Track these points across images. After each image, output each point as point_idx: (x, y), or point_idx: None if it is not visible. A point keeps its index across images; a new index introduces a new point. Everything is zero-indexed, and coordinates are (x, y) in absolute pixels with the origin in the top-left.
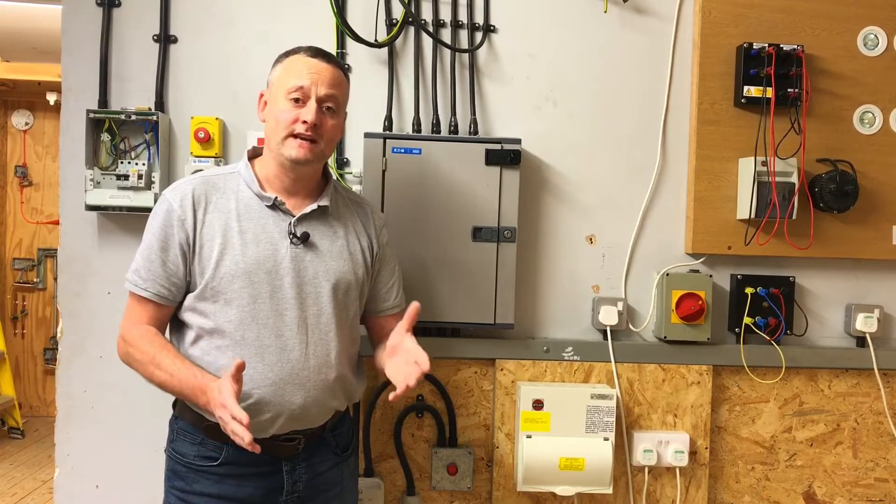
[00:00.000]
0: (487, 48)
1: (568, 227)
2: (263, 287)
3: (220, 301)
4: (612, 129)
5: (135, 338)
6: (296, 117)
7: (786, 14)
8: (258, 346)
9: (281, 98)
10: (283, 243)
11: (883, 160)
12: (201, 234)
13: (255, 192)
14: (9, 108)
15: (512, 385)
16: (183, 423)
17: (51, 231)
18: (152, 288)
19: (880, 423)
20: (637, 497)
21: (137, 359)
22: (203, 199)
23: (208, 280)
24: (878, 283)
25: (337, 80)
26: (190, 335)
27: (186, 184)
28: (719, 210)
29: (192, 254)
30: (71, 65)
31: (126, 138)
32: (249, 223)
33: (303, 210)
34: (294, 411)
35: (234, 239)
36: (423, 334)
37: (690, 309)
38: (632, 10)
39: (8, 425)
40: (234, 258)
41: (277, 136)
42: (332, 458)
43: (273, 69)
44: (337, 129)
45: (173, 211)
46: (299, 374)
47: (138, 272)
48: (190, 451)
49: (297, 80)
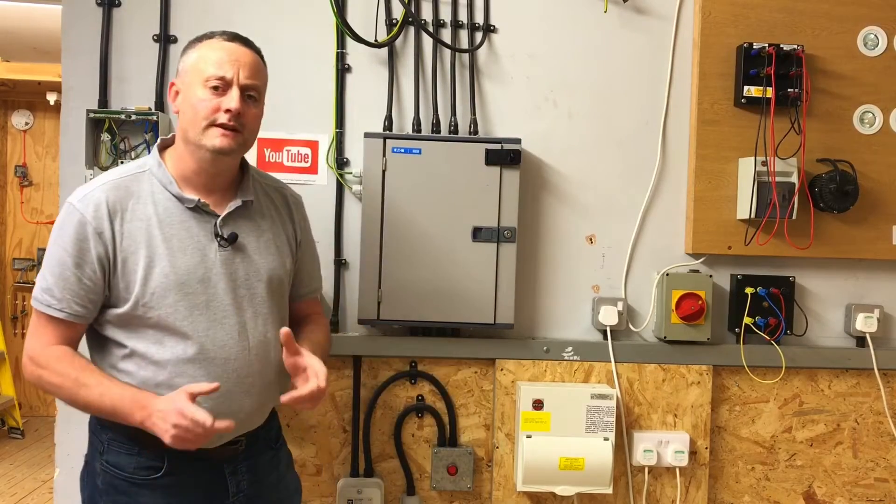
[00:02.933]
0: (487, 48)
1: (568, 227)
2: (199, 297)
3: (153, 317)
4: (612, 129)
5: (49, 360)
6: (216, 106)
7: (786, 14)
8: (202, 359)
9: (198, 86)
10: (211, 247)
11: (883, 160)
12: (122, 246)
13: (174, 194)
14: (9, 108)
15: (512, 385)
16: (113, 433)
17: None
18: (68, 308)
19: (880, 423)
20: (637, 497)
21: (54, 382)
22: (118, 206)
23: (138, 297)
24: (878, 283)
25: (257, 67)
26: (120, 351)
27: (97, 191)
28: (719, 210)
29: (113, 268)
30: (71, 65)
31: (126, 138)
32: (172, 229)
33: (226, 209)
34: (241, 418)
35: (159, 249)
36: (423, 334)
37: (690, 309)
38: (632, 10)
39: (8, 425)
40: (162, 271)
41: (197, 126)
42: (269, 451)
43: (185, 55)
44: (259, 118)
45: (87, 223)
46: (245, 381)
47: (50, 291)
48: (128, 463)
49: (216, 69)
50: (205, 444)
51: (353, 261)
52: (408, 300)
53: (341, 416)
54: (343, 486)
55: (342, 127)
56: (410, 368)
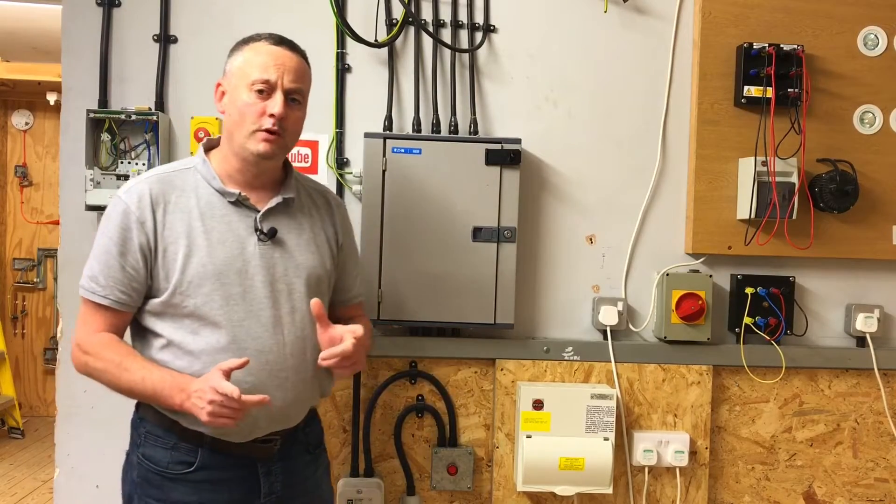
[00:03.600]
0: (487, 48)
1: (568, 227)
2: (234, 288)
3: (188, 305)
4: (613, 128)
5: (95, 346)
6: (261, 110)
7: (786, 14)
8: (235, 349)
9: (243, 90)
10: (251, 241)
11: (883, 160)
12: (163, 236)
13: (217, 189)
14: (9, 108)
15: (512, 385)
16: (151, 425)
17: (51, 231)
18: (112, 294)
19: (880, 423)
20: (637, 497)
21: (99, 367)
22: (161, 198)
23: (176, 285)
24: (878, 283)
25: (302, 70)
26: (158, 341)
27: (141, 183)
28: (719, 210)
29: (154, 257)
30: (71, 65)
31: (126, 138)
32: (213, 222)
33: (267, 204)
34: (274, 413)
35: (199, 240)
36: (423, 334)
37: (690, 309)
38: (632, 10)
39: (8, 425)
40: (200, 260)
41: (243, 130)
42: (306, 456)
43: (232, 57)
44: (301, 121)
45: (130, 213)
46: (278, 375)
47: (95, 279)
48: (163, 457)
49: (261, 73)
50: (240, 420)
51: None
52: (408, 300)
53: (341, 416)
54: (343, 486)
55: (342, 127)
56: (410, 368)
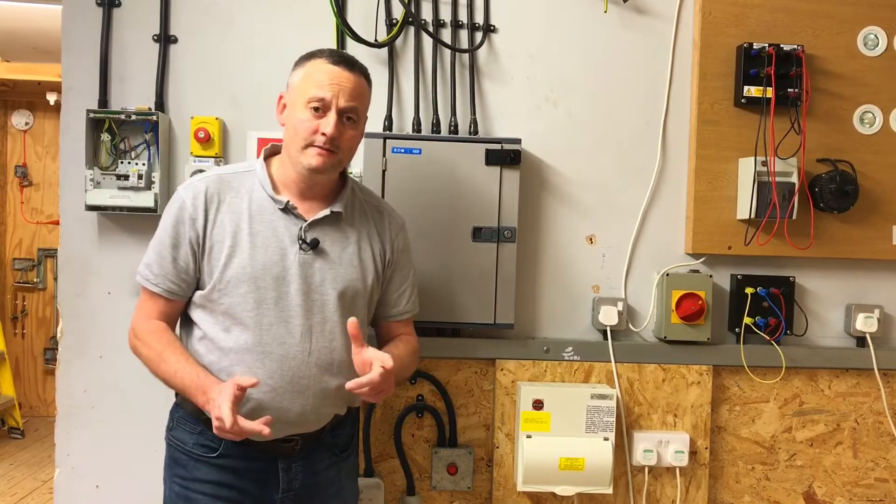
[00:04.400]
0: (487, 48)
1: (568, 227)
2: (269, 293)
3: (224, 303)
4: (613, 128)
5: (144, 333)
6: (315, 128)
7: (786, 14)
8: (260, 351)
9: (300, 107)
10: (293, 249)
11: (883, 160)
12: (212, 234)
13: (268, 194)
14: (9, 108)
15: (512, 385)
16: (183, 411)
17: (51, 231)
18: (163, 284)
19: (880, 423)
20: (637, 497)
21: (144, 354)
22: (216, 197)
23: (216, 282)
24: (878, 283)
25: (359, 90)
26: (197, 332)
27: (201, 181)
28: (719, 210)
29: (202, 253)
30: (71, 65)
31: (126, 138)
32: (260, 225)
33: (315, 215)
34: (291, 418)
35: (243, 242)
36: (423, 334)
37: (690, 309)
38: (632, 10)
39: (8, 425)
40: (241, 262)
41: (296, 144)
42: (330, 458)
43: (294, 72)
44: (356, 138)
45: (185, 209)
46: (299, 382)
47: (150, 267)
48: (189, 439)
49: (317, 91)
50: (244, 437)
51: None
52: None
53: None
54: None
55: None
56: None
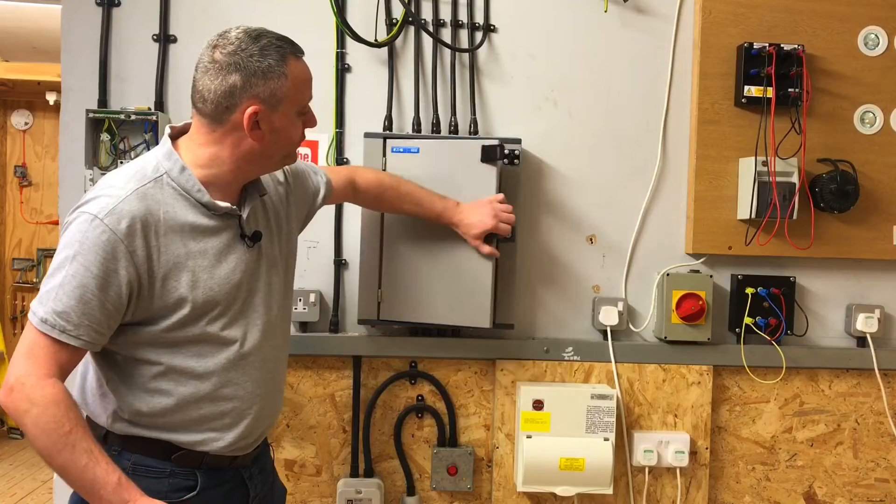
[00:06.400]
0: (487, 48)
1: (568, 227)
2: (237, 304)
3: (195, 330)
4: (613, 128)
5: (45, 400)
6: (303, 135)
7: (786, 14)
8: (243, 364)
9: (294, 117)
10: (240, 249)
11: (883, 160)
12: (160, 262)
13: (206, 202)
14: (8, 108)
15: (512, 385)
16: (137, 456)
17: (51, 231)
18: (85, 335)
19: (881, 424)
20: (637, 497)
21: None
22: (150, 220)
23: (184, 312)
24: (879, 283)
25: None
26: (152, 369)
27: (122, 203)
28: (720, 210)
29: (150, 288)
30: (71, 65)
31: (126, 138)
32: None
33: (246, 208)
34: (271, 419)
35: (198, 260)
36: (422, 334)
37: (691, 309)
38: (632, 9)
39: (8, 425)
40: (206, 283)
41: (280, 154)
42: (266, 449)
43: (270, 75)
44: None
45: (116, 241)
46: (276, 379)
47: (66, 315)
48: (159, 486)
49: (307, 95)
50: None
51: (352, 261)
52: (408, 300)
53: (341, 416)
54: (343, 487)
55: (342, 127)
56: (410, 368)
